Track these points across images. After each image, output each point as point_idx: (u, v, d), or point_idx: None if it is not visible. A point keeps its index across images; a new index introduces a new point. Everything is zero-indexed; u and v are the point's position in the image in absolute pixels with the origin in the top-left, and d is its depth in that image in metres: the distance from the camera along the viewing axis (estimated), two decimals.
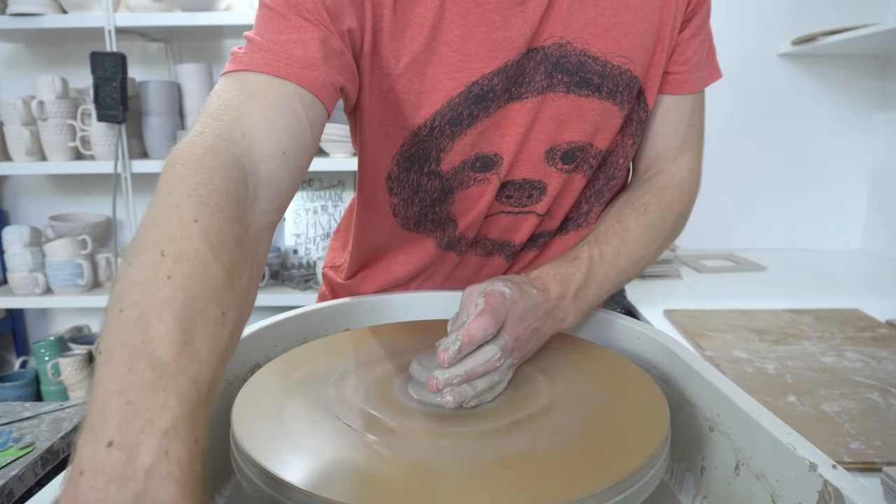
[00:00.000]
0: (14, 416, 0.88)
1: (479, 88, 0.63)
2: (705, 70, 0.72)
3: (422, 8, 0.61)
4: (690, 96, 0.72)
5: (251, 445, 0.44)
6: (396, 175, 0.71)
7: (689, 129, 0.73)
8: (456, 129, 0.65)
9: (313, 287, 2.06)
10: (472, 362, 0.49)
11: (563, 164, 0.69)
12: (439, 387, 0.48)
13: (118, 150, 1.91)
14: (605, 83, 0.65)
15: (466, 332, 0.49)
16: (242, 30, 2.03)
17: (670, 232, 0.72)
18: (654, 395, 0.51)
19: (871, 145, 1.90)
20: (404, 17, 0.61)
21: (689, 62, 0.70)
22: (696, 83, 0.71)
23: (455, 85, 0.63)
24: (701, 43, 0.70)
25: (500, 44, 0.62)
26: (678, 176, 0.73)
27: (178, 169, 0.44)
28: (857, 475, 0.68)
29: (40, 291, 2.04)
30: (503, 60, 0.62)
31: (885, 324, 1.22)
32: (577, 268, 0.63)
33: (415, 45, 0.62)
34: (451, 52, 0.62)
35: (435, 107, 0.64)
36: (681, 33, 0.68)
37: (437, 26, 0.61)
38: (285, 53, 0.54)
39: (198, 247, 0.39)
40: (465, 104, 0.64)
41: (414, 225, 0.75)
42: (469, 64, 0.62)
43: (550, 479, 0.40)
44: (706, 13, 0.69)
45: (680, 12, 0.66)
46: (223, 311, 0.38)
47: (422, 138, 0.66)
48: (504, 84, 0.64)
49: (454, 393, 0.48)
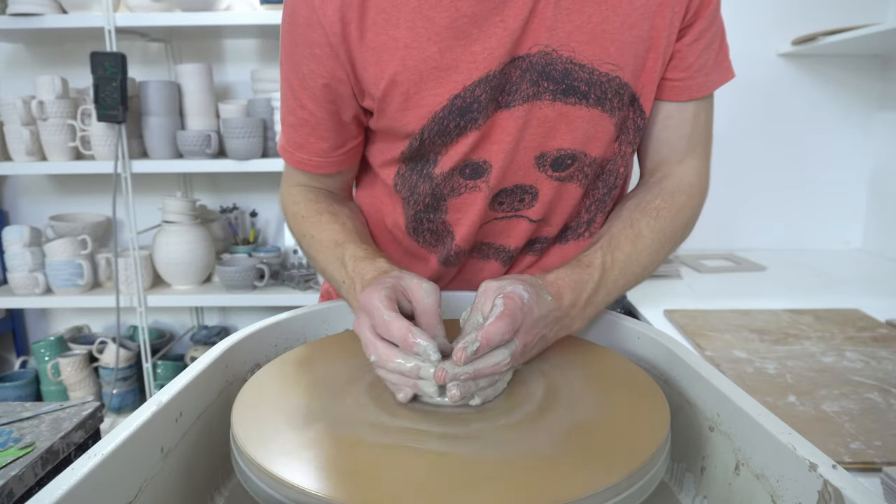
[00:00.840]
0: (14, 416, 0.88)
1: (461, 101, 0.64)
2: (713, 73, 0.71)
3: (394, 30, 0.62)
4: (693, 102, 0.71)
5: (251, 445, 0.44)
6: (401, 173, 0.73)
7: (693, 134, 0.73)
8: (446, 138, 0.66)
9: (313, 287, 2.06)
10: (481, 363, 0.49)
11: (554, 171, 0.69)
12: (447, 379, 0.48)
13: (118, 150, 1.91)
14: (592, 90, 0.65)
15: (486, 335, 0.49)
16: (242, 30, 2.05)
17: (680, 237, 0.72)
18: (655, 395, 0.51)
19: (871, 145, 1.90)
20: (377, 44, 0.63)
21: (692, 68, 0.69)
22: (701, 88, 0.70)
23: (438, 100, 0.64)
24: (707, 46, 0.68)
25: (480, 55, 0.62)
26: (686, 180, 0.73)
27: (301, 206, 0.77)
28: (857, 475, 0.69)
29: (40, 291, 2.04)
30: (485, 71, 0.62)
31: (885, 324, 1.22)
32: (591, 275, 0.63)
33: (391, 66, 0.63)
34: (429, 68, 0.63)
35: (421, 122, 0.65)
36: (681, 40, 0.67)
37: (412, 45, 0.62)
38: (310, 162, 0.75)
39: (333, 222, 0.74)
40: (450, 117, 0.65)
41: (413, 231, 0.77)
42: (449, 78, 0.63)
43: (551, 478, 0.40)
44: (711, 16, 0.67)
45: (677, 19, 0.65)
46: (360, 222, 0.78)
47: (416, 147, 0.68)
48: (489, 94, 0.64)
49: (460, 387, 0.49)
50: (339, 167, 0.76)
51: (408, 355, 0.49)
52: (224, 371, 0.59)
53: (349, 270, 0.66)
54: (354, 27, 0.63)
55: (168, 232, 2.01)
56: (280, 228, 2.32)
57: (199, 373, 0.55)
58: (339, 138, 0.73)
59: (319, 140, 0.72)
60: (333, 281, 0.70)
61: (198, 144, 1.94)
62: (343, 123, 0.71)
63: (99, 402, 0.94)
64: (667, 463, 0.46)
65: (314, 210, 0.75)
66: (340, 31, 0.63)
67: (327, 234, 0.72)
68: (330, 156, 0.74)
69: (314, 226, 0.74)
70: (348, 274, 0.66)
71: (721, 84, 0.72)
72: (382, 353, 0.50)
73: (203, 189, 2.29)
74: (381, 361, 0.51)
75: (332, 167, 0.75)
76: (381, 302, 0.52)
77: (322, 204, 0.76)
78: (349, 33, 0.63)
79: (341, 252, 0.69)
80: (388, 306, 0.52)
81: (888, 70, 1.83)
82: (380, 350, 0.51)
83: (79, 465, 0.40)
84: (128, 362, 2.12)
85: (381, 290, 0.53)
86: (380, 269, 0.63)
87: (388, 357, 0.50)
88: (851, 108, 1.88)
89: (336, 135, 0.72)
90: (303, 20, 0.64)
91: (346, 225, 0.73)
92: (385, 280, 0.56)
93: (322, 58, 0.65)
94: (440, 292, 0.56)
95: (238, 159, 1.93)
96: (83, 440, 0.89)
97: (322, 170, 0.75)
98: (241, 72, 2.19)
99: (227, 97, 2.20)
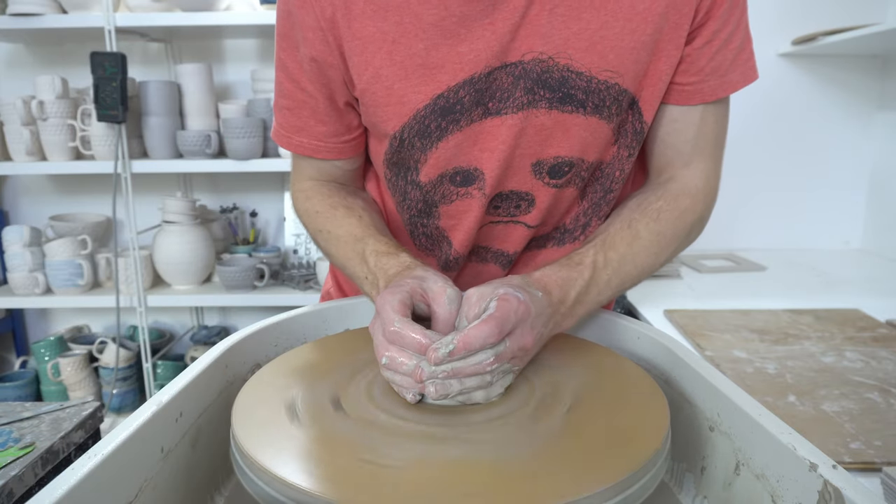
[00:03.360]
0: (14, 416, 0.88)
1: (444, 101, 0.63)
2: (731, 74, 0.67)
3: (382, 22, 0.62)
4: (700, 105, 0.68)
5: (251, 445, 0.44)
6: (389, 177, 0.73)
7: (699, 137, 0.70)
8: (426, 141, 0.66)
9: (313, 287, 2.06)
10: (460, 364, 0.48)
11: (551, 179, 0.68)
12: (422, 378, 0.48)
13: (118, 150, 1.91)
14: (589, 98, 0.63)
15: (463, 339, 0.47)
16: (242, 30, 2.05)
17: (683, 240, 0.70)
18: (655, 395, 0.51)
19: (871, 145, 1.90)
20: (364, 34, 0.63)
21: (703, 71, 0.66)
22: (715, 91, 0.67)
23: (420, 98, 0.63)
24: (721, 48, 0.65)
25: (466, 56, 0.61)
26: (692, 184, 0.70)
27: (314, 202, 0.76)
28: (857, 475, 0.69)
29: (40, 291, 2.04)
30: (470, 73, 0.62)
31: (885, 324, 1.22)
32: (580, 273, 0.61)
33: (377, 59, 0.63)
34: (415, 65, 0.62)
35: (403, 119, 0.65)
36: (691, 43, 0.65)
37: (398, 40, 0.62)
38: (309, 146, 0.74)
39: (349, 215, 0.73)
40: (431, 117, 0.64)
41: (410, 235, 0.77)
42: (434, 77, 0.62)
43: (550, 479, 0.40)
44: (725, 16, 0.64)
45: (685, 22, 0.62)
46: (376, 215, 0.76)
47: (395, 149, 0.68)
48: (473, 97, 0.63)
49: (437, 385, 0.48)
50: (339, 155, 0.74)
51: (422, 357, 0.49)
52: (224, 371, 0.59)
53: (371, 266, 0.65)
54: (342, 14, 0.63)
55: (168, 232, 2.01)
56: (280, 228, 2.32)
57: (199, 373, 0.55)
58: (339, 125, 0.72)
59: (318, 123, 0.71)
60: (354, 277, 0.69)
61: (198, 144, 1.94)
62: (340, 110, 0.71)
63: (99, 402, 0.94)
64: (667, 463, 0.46)
65: (328, 205, 0.74)
66: (331, 16, 0.63)
67: (345, 230, 0.71)
68: (329, 140, 0.73)
69: (329, 221, 0.73)
70: (370, 269, 0.65)
71: (741, 86, 0.68)
72: (394, 357, 0.50)
73: (203, 189, 2.29)
74: (392, 364, 0.50)
75: (332, 153, 0.74)
76: (392, 308, 0.51)
77: (336, 198, 0.75)
78: (337, 20, 0.63)
79: (361, 247, 0.68)
80: (400, 312, 0.50)
81: (888, 70, 1.83)
82: (392, 353, 0.50)
83: (79, 465, 0.40)
84: (128, 362, 2.12)
85: (397, 294, 0.52)
86: (403, 265, 0.62)
87: (401, 360, 0.49)
88: (851, 109, 1.88)
89: (335, 120, 0.71)
90: (298, 1, 0.64)
91: (363, 218, 0.72)
92: (405, 282, 0.55)
93: (314, 41, 0.65)
94: (462, 299, 0.54)
95: (238, 159, 1.93)
96: (83, 440, 0.89)
97: (321, 154, 0.74)
98: (241, 72, 2.19)
99: (227, 97, 2.20)
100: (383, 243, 0.67)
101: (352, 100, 0.70)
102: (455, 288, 0.54)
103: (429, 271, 0.58)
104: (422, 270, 0.58)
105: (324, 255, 0.76)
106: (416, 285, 0.54)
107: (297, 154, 0.77)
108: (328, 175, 0.78)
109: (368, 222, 0.71)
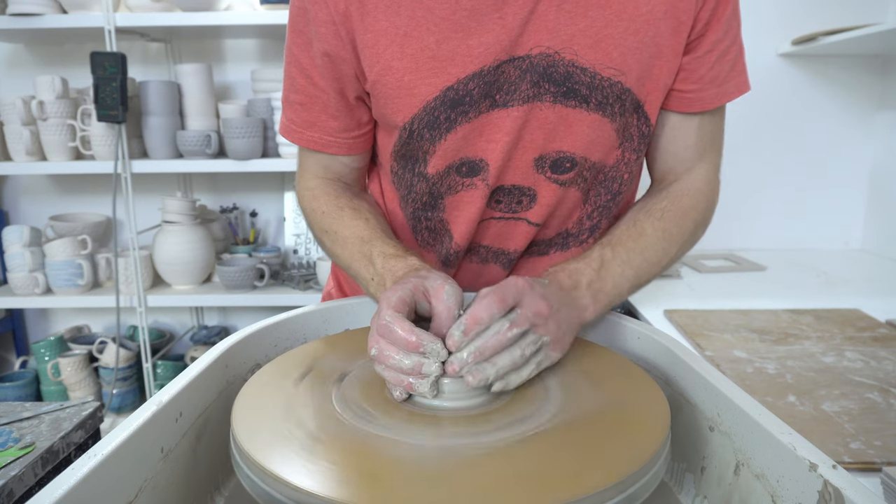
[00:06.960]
0: (14, 416, 0.88)
1: (454, 93, 0.64)
2: (727, 84, 0.70)
3: (395, 16, 0.63)
4: (699, 113, 0.70)
5: (251, 445, 0.44)
6: (396, 170, 0.74)
7: (700, 143, 0.73)
8: (435, 133, 0.67)
9: (313, 287, 2.06)
10: (479, 340, 0.49)
11: (553, 174, 0.69)
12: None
13: (118, 150, 1.91)
14: (593, 94, 0.65)
15: (471, 314, 0.49)
16: (242, 30, 2.05)
17: (688, 239, 0.71)
18: (655, 395, 0.51)
19: (871, 145, 1.90)
20: (377, 28, 0.64)
21: (703, 80, 0.68)
22: (713, 99, 0.69)
23: (431, 90, 0.64)
24: (720, 58, 0.67)
25: (476, 49, 0.62)
26: (694, 186, 0.73)
27: (321, 202, 0.77)
28: (857, 475, 0.68)
29: (40, 291, 2.04)
30: (479, 66, 0.63)
31: (885, 324, 1.22)
32: (588, 264, 0.63)
33: (388, 52, 0.64)
34: (426, 58, 0.63)
35: (413, 111, 0.66)
36: (691, 53, 0.66)
37: (410, 34, 0.63)
38: (320, 141, 0.75)
39: (355, 217, 0.74)
40: (441, 108, 0.65)
41: (412, 230, 0.77)
42: (444, 69, 0.63)
43: (551, 479, 0.40)
44: (725, 27, 0.66)
45: (684, 29, 0.64)
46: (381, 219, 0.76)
47: (405, 140, 0.69)
48: (481, 89, 0.64)
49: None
50: (349, 151, 0.75)
51: (408, 353, 0.49)
52: (224, 371, 0.59)
53: (378, 268, 0.66)
54: (356, 8, 0.64)
55: (168, 232, 2.01)
56: (280, 228, 2.32)
57: (199, 373, 0.55)
58: (350, 120, 0.73)
59: (330, 118, 0.72)
60: (360, 278, 0.70)
61: (198, 144, 1.94)
62: (351, 105, 0.72)
63: (99, 402, 0.94)
64: (667, 463, 0.46)
65: (335, 206, 0.75)
66: (344, 10, 0.64)
67: (351, 231, 0.72)
68: (340, 136, 0.74)
69: (336, 222, 0.73)
70: (377, 271, 0.66)
71: (735, 96, 0.71)
72: (382, 349, 0.50)
73: (203, 189, 2.29)
74: (380, 357, 0.50)
75: (342, 149, 0.75)
76: (389, 304, 0.51)
77: (342, 199, 0.75)
78: (351, 13, 0.64)
79: (369, 249, 0.68)
80: (397, 308, 0.51)
81: (888, 70, 1.83)
82: (380, 345, 0.50)
83: (79, 465, 0.40)
84: (128, 362, 2.12)
85: (398, 291, 0.53)
86: (411, 267, 0.62)
87: (388, 353, 0.50)
88: (851, 109, 1.88)
89: (346, 116, 0.72)
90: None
91: (369, 221, 0.73)
92: (409, 280, 0.56)
93: (327, 35, 0.66)
94: (462, 294, 0.55)
95: (238, 159, 1.93)
96: (83, 440, 0.89)
97: (332, 149, 0.75)
98: (241, 72, 2.19)
99: (227, 97, 2.20)
100: (391, 246, 0.67)
101: (363, 94, 0.71)
102: (455, 285, 0.55)
103: (433, 271, 0.59)
104: (426, 270, 0.59)
105: (327, 254, 0.77)
106: (418, 283, 0.55)
107: (305, 150, 0.77)
108: (335, 173, 0.78)
109: (375, 225, 0.72)
